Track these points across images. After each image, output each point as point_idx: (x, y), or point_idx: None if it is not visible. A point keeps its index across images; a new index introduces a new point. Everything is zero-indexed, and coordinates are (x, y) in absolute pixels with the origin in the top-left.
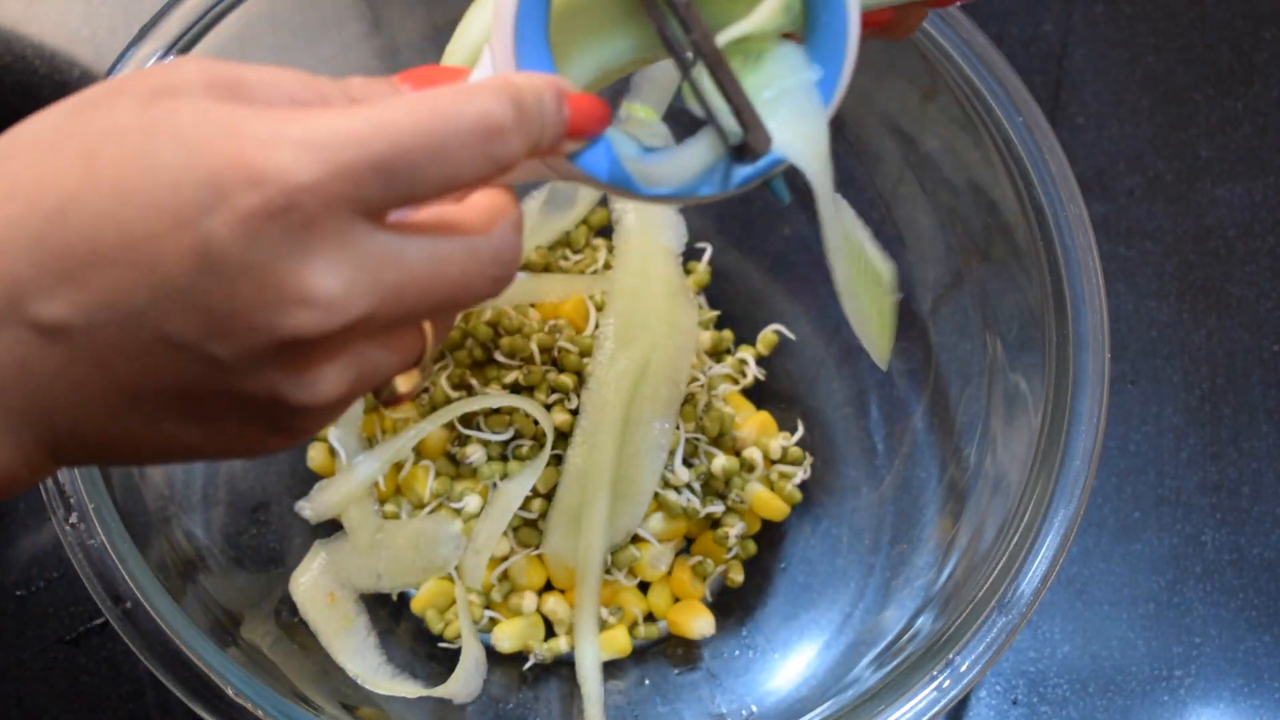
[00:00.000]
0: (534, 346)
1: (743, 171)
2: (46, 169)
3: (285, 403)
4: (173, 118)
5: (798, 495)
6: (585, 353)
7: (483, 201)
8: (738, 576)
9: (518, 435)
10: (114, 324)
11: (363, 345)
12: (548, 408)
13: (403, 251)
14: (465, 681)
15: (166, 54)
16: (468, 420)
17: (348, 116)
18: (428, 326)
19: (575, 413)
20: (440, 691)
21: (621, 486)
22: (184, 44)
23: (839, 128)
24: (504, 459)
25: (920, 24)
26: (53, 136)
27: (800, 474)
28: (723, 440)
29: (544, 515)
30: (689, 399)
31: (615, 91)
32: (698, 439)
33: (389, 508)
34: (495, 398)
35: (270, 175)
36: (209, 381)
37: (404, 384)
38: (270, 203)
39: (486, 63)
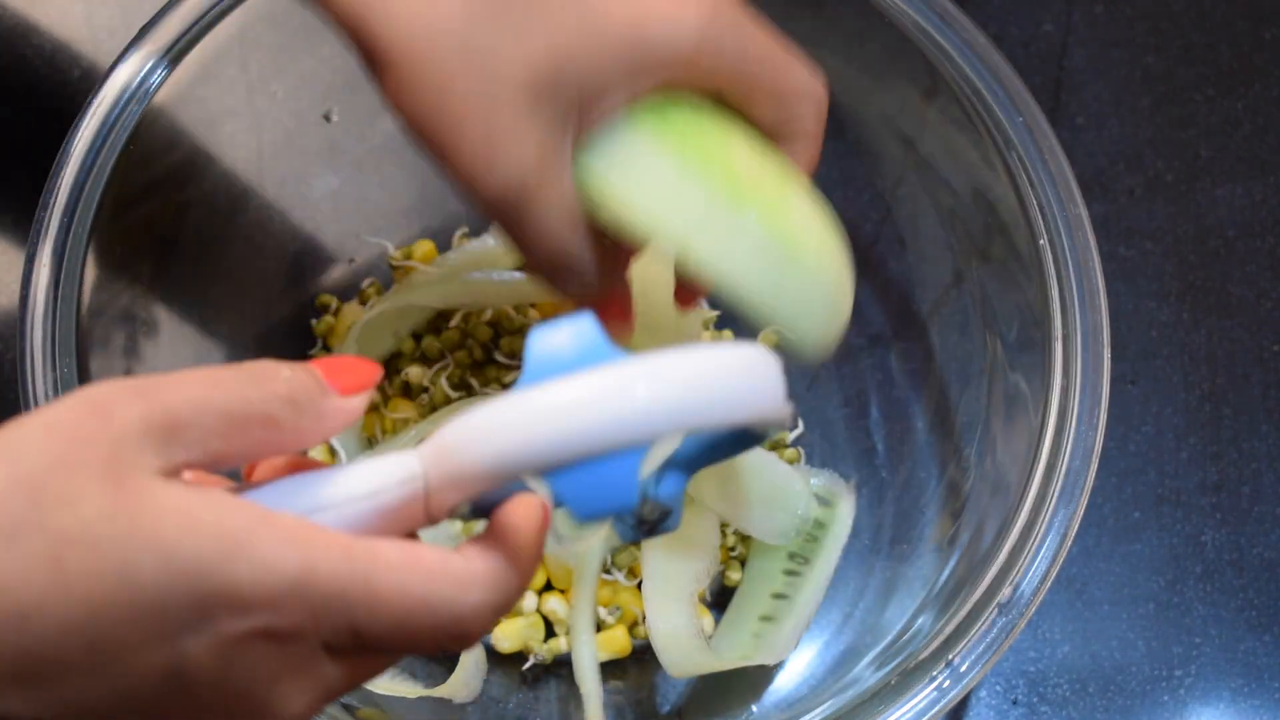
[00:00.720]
0: None
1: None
2: (8, 566)
3: None
4: (149, 524)
5: None
6: None
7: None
8: (737, 576)
9: None
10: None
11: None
12: None
13: (360, 673)
14: (465, 682)
15: (166, 54)
16: None
17: (334, 555)
18: None
19: None
20: (440, 691)
21: None
22: (184, 44)
23: (839, 128)
24: None
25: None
26: (9, 523)
27: None
28: None
29: None
30: None
31: None
32: None
33: None
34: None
35: (256, 607)
36: None
37: None
38: (255, 631)
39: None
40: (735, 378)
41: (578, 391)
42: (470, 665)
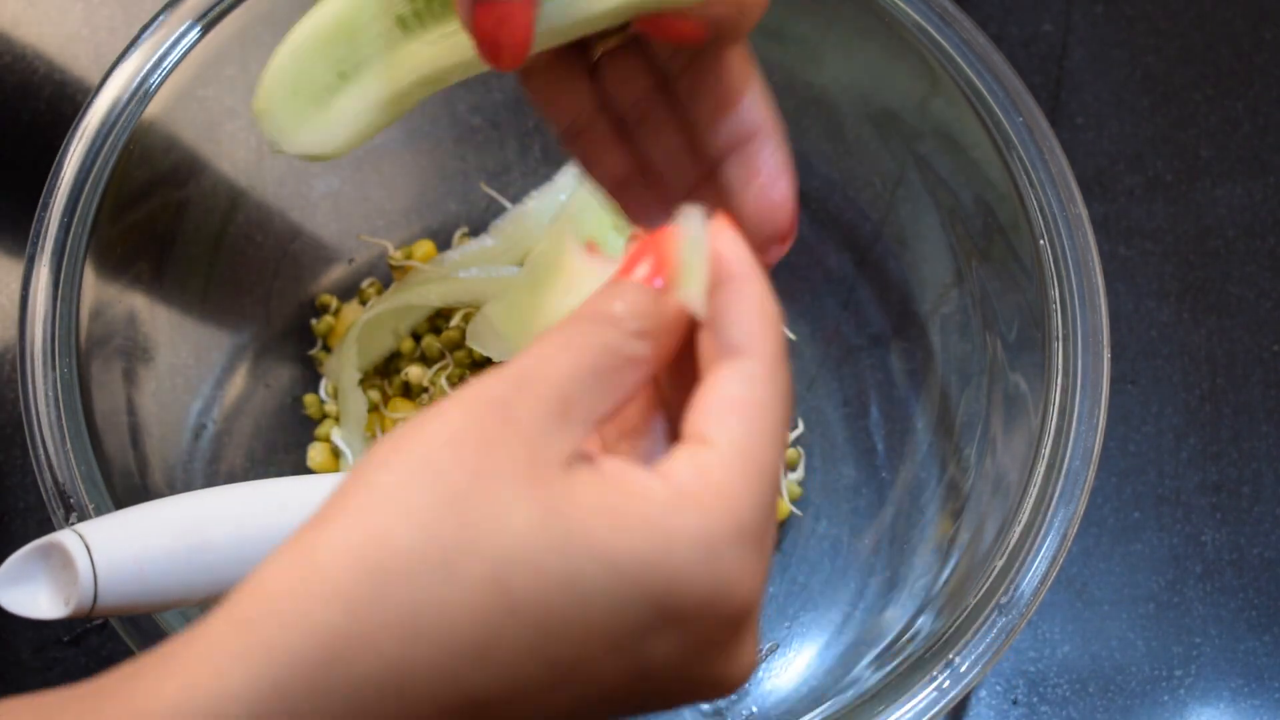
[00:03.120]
0: None
1: None
2: (450, 601)
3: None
4: (581, 528)
5: (796, 490)
6: None
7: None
8: None
9: None
10: None
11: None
12: None
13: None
14: None
15: (166, 54)
16: None
17: (738, 500)
18: None
19: None
20: None
21: None
22: (184, 44)
23: (839, 128)
24: None
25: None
26: (438, 551)
27: (792, 474)
28: None
29: None
30: None
31: None
32: None
33: None
34: None
35: (726, 596)
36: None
37: None
38: (726, 620)
39: None
40: None
41: None
42: None
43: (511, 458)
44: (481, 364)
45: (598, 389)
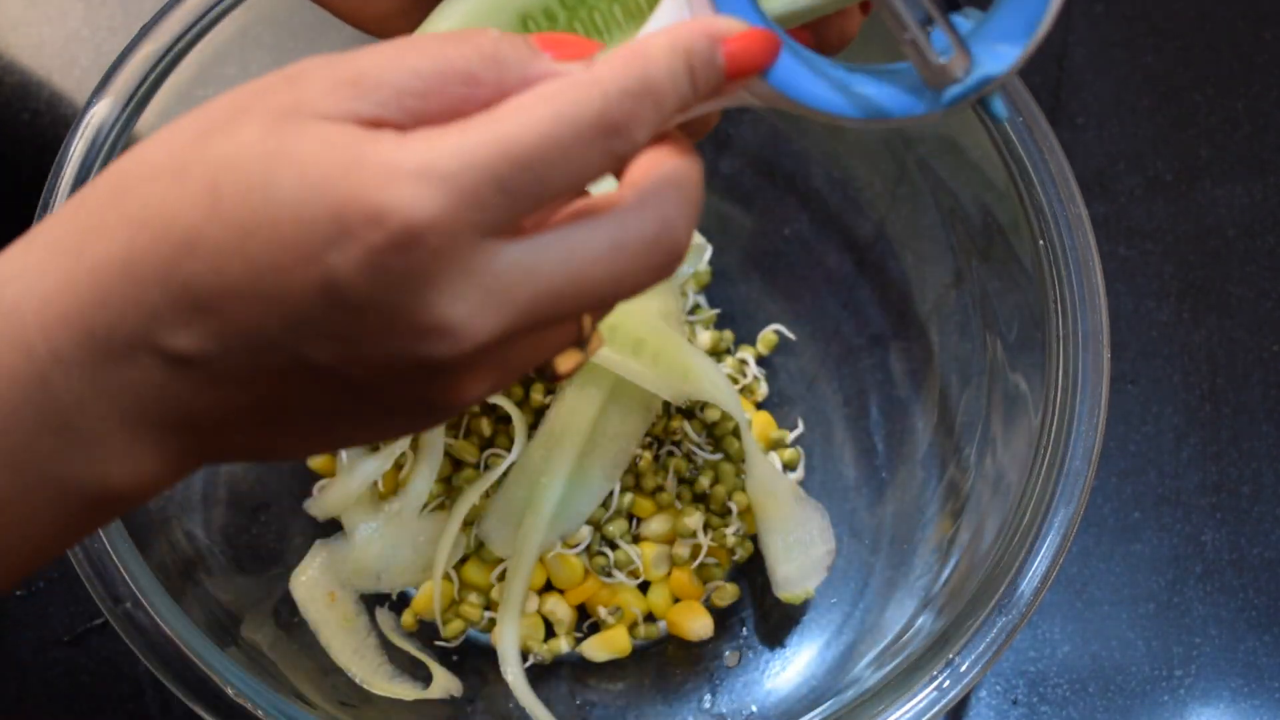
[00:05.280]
0: None
1: (954, 90)
2: (172, 199)
3: (433, 405)
4: (295, 147)
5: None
6: None
7: (639, 166)
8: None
9: (491, 442)
10: (249, 350)
11: (506, 352)
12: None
13: (536, 265)
14: (444, 686)
15: (166, 54)
16: (455, 424)
17: (464, 136)
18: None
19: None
20: (437, 692)
21: (571, 495)
22: (184, 44)
23: (839, 127)
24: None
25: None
26: (176, 163)
27: (792, 474)
28: (724, 441)
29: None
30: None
31: None
32: (698, 445)
33: (390, 507)
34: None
35: (391, 211)
36: (353, 395)
37: (564, 364)
38: (393, 239)
39: (671, 6)
40: None
41: None
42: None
43: (276, 100)
44: None
45: (411, 85)
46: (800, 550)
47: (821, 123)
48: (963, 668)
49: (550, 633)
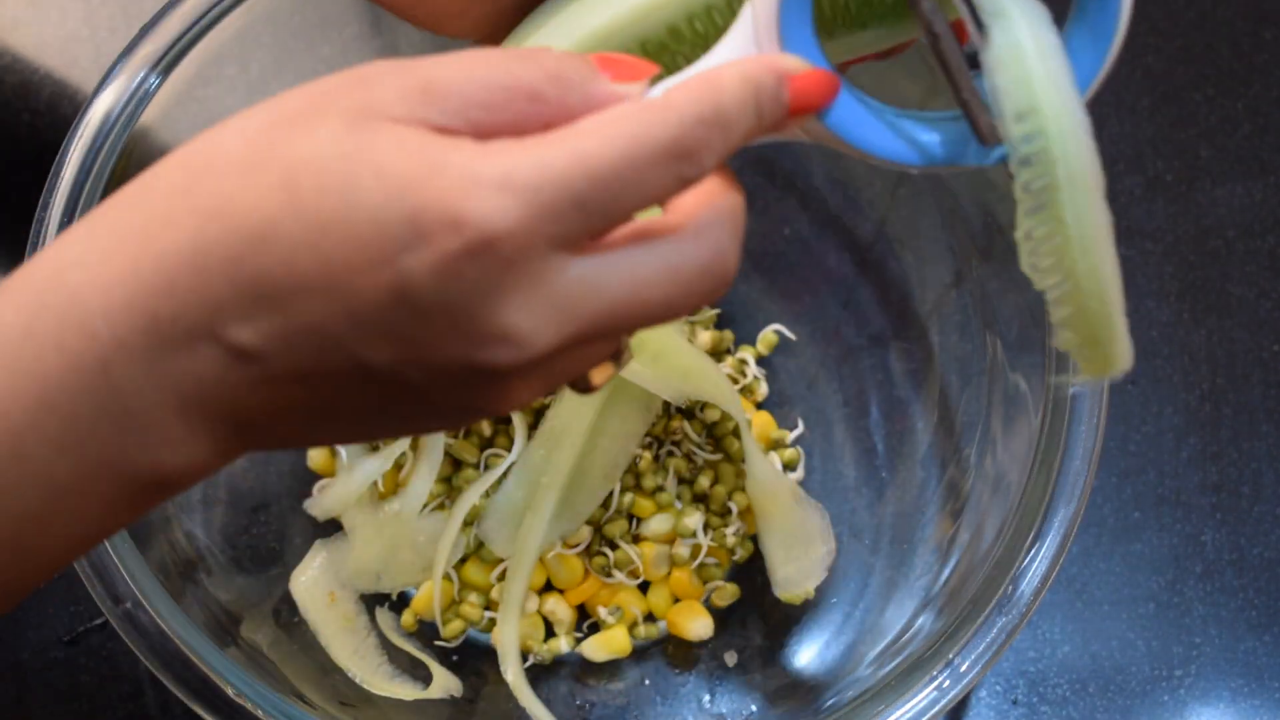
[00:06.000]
0: None
1: (1003, 149)
2: (247, 191)
3: (479, 410)
4: (373, 149)
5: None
6: None
7: (695, 194)
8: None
9: (491, 442)
10: (310, 348)
11: (556, 362)
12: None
13: (601, 282)
14: (444, 686)
15: (166, 54)
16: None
17: (544, 150)
18: None
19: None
20: (437, 692)
21: (571, 495)
22: (184, 44)
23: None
24: (480, 467)
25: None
26: (252, 156)
27: (792, 474)
28: (725, 441)
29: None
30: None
31: None
32: (698, 446)
33: (389, 507)
34: None
35: (470, 219)
36: (404, 396)
37: (598, 376)
38: (469, 246)
39: (738, 40)
40: None
41: None
42: (443, 675)
43: (349, 102)
44: None
45: (478, 97)
46: (800, 550)
47: (869, 163)
48: (963, 668)
49: (550, 633)
